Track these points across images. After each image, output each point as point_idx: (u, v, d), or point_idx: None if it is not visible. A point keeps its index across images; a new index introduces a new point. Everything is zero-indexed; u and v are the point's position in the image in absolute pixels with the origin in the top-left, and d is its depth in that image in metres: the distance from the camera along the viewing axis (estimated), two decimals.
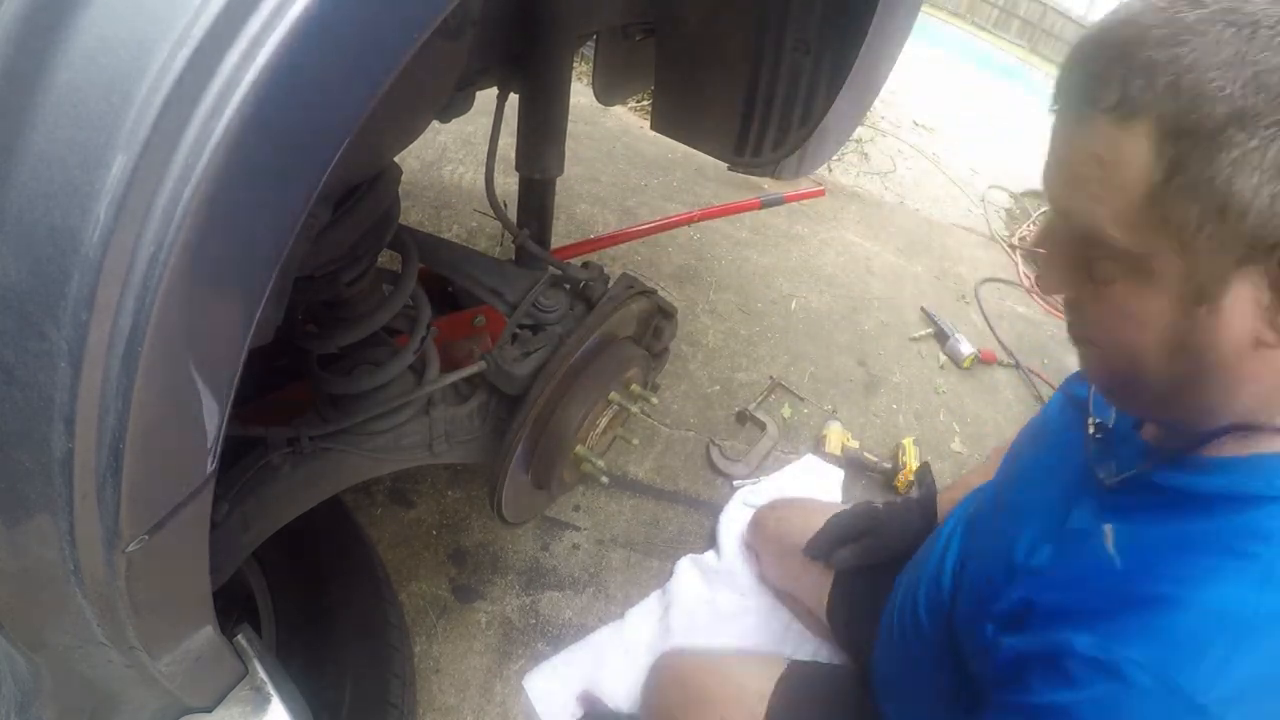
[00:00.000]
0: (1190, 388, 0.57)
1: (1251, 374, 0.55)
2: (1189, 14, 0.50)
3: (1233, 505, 0.58)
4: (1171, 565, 0.58)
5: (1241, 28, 0.48)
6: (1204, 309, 0.53)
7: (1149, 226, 0.52)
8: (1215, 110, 0.48)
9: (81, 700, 0.59)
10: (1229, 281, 0.52)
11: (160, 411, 0.42)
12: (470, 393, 1.09)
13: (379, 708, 1.04)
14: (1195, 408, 0.60)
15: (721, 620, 1.35)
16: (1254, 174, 0.48)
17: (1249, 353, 0.54)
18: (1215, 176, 0.49)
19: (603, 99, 1.56)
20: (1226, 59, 0.48)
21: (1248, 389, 0.56)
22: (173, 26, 0.35)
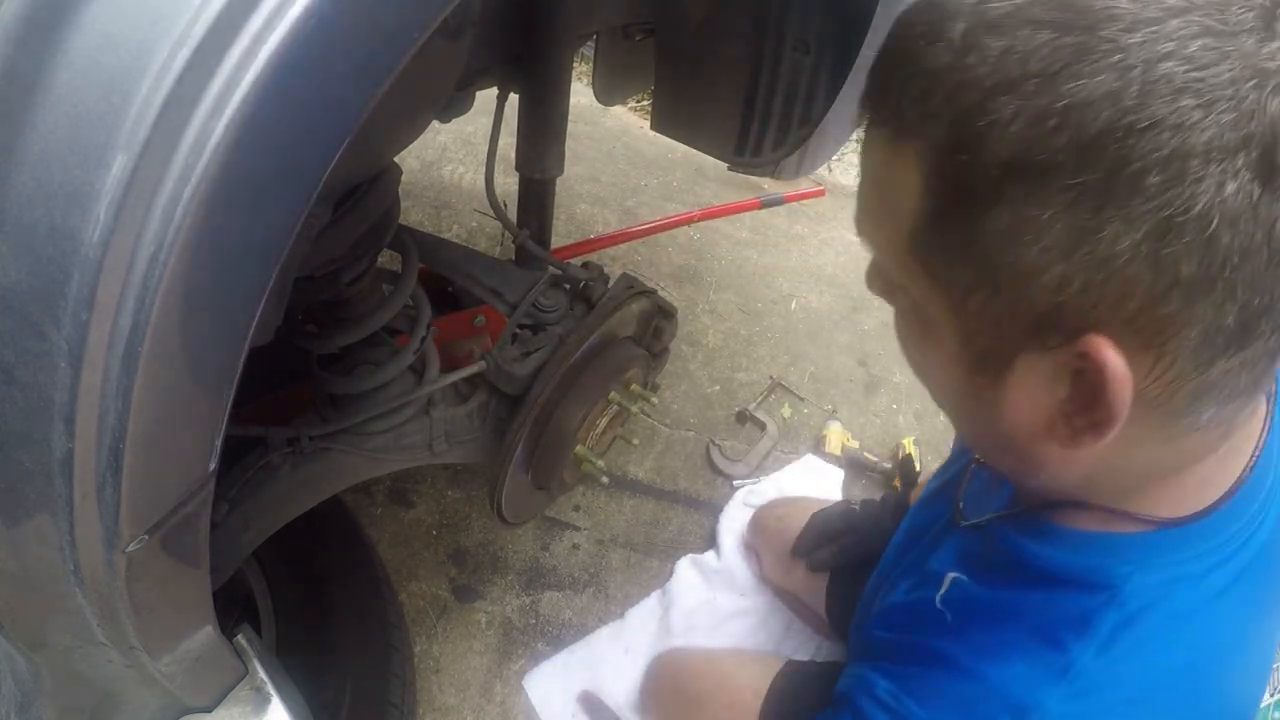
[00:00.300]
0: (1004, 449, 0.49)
1: (1057, 458, 0.46)
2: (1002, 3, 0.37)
3: (1061, 584, 0.51)
4: (982, 632, 0.55)
5: (1065, 32, 0.35)
6: (985, 379, 0.44)
7: (917, 272, 0.44)
8: (992, 150, 0.37)
9: (81, 700, 0.59)
10: (1014, 360, 0.42)
11: (160, 411, 0.42)
12: (470, 393, 1.09)
13: (379, 708, 1.04)
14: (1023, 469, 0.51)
15: (721, 620, 1.35)
16: (1034, 245, 0.37)
17: (1043, 437, 0.44)
18: (979, 240, 0.39)
19: (603, 99, 1.56)
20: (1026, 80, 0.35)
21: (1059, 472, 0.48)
22: (173, 26, 0.35)
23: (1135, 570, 0.49)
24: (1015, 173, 0.36)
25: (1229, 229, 0.34)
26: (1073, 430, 0.42)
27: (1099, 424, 0.40)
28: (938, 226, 0.41)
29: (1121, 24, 0.34)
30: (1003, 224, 0.38)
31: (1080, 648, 0.48)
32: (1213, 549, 0.49)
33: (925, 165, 0.40)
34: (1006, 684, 0.51)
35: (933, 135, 0.39)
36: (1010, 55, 0.36)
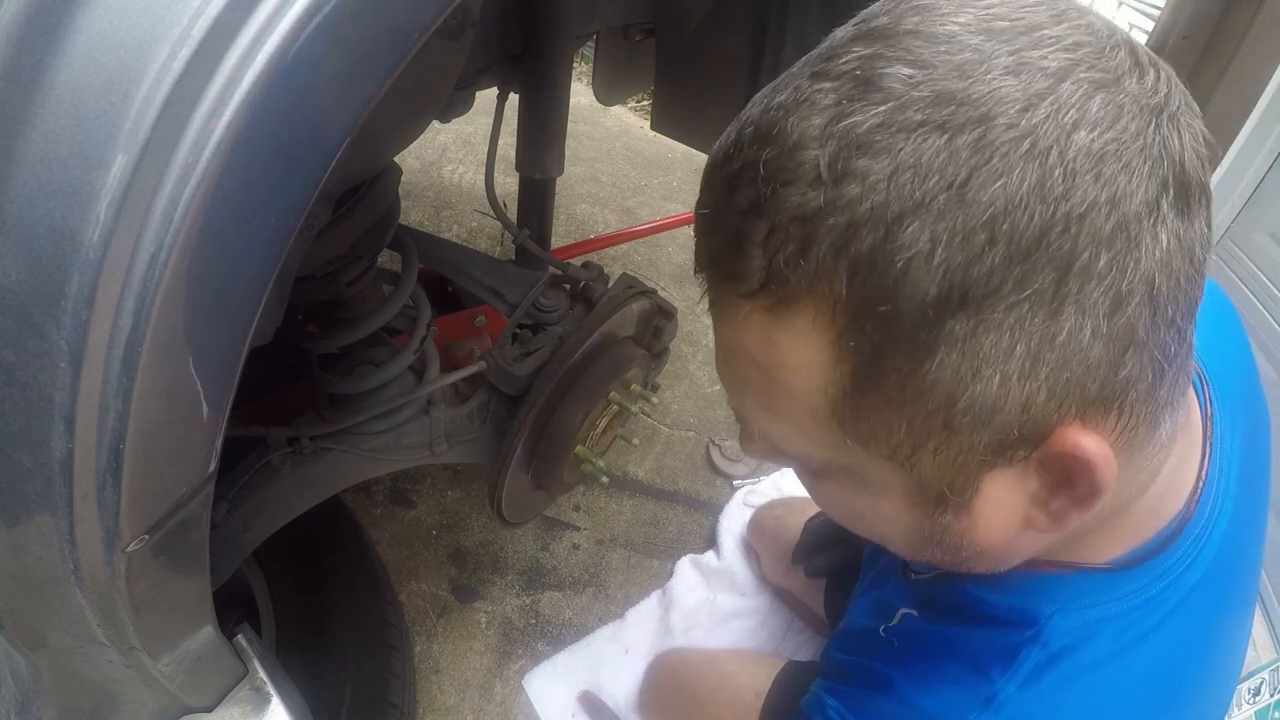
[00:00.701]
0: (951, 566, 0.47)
1: (1019, 549, 0.44)
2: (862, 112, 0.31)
3: (993, 624, 0.51)
4: (921, 661, 0.56)
5: (955, 132, 0.30)
6: (948, 516, 0.41)
7: (843, 444, 0.38)
8: (916, 290, 0.31)
9: (81, 700, 0.59)
10: (978, 486, 0.39)
11: (160, 411, 0.42)
12: (470, 393, 1.09)
13: (379, 708, 1.04)
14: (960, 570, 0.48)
15: (721, 620, 1.35)
16: (994, 378, 0.33)
17: (1015, 536, 0.42)
18: (933, 386, 0.34)
19: (603, 99, 1.56)
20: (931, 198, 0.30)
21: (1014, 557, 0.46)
22: (173, 26, 0.35)
23: (1058, 611, 0.48)
24: (952, 307, 0.31)
25: (1164, 273, 0.33)
26: (1052, 515, 0.40)
27: (1084, 499, 0.38)
28: (863, 391, 0.35)
29: (1016, 104, 0.30)
30: (950, 368, 0.33)
31: (1004, 680, 0.48)
32: (1141, 588, 0.49)
33: (829, 332, 0.34)
34: (935, 711, 0.52)
35: (831, 294, 0.33)
36: (901, 175, 0.31)
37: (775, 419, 0.40)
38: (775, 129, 0.34)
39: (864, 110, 0.31)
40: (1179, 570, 0.49)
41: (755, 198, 0.34)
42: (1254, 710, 1.43)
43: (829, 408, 0.37)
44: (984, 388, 0.33)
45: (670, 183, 2.88)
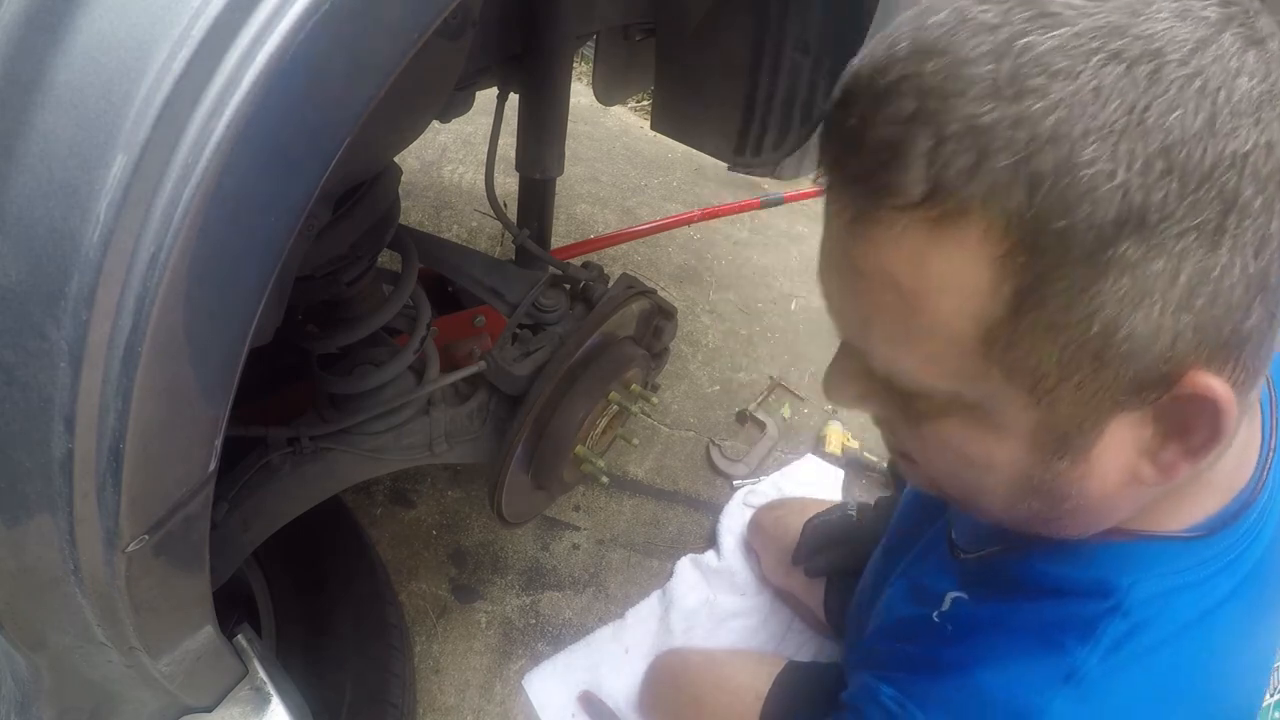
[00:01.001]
0: (1041, 524, 0.48)
1: (1117, 506, 0.45)
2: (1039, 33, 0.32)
3: (1062, 594, 0.51)
4: (985, 641, 0.55)
5: (1133, 63, 0.32)
6: (1065, 461, 0.41)
7: (988, 375, 0.38)
8: (1098, 211, 0.32)
9: (81, 700, 0.59)
10: (1103, 429, 0.39)
11: (160, 411, 0.42)
12: (470, 393, 1.09)
13: (379, 708, 1.04)
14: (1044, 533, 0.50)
15: (722, 620, 1.35)
16: (1155, 305, 0.33)
17: (1118, 490, 0.43)
18: (1097, 311, 0.34)
19: (603, 99, 1.56)
20: (1113, 121, 0.31)
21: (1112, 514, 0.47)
22: (173, 26, 0.35)
23: (1138, 580, 0.48)
24: (1128, 230, 0.32)
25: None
26: (1160, 467, 0.40)
27: (1198, 449, 0.38)
28: (1023, 313, 0.35)
29: (1187, 45, 0.32)
30: (1117, 293, 0.33)
31: (1085, 653, 0.47)
32: (1215, 556, 0.49)
33: (997, 248, 0.34)
34: (1010, 689, 0.50)
35: (1006, 208, 0.33)
36: (1083, 95, 0.31)
37: (905, 349, 0.39)
38: (938, 44, 0.34)
39: (1040, 33, 0.32)
40: (1244, 545, 0.50)
41: (917, 109, 0.33)
42: None
43: (979, 334, 0.36)
44: (1144, 316, 0.34)
45: (670, 183, 2.88)
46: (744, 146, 1.44)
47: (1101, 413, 0.38)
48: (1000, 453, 0.42)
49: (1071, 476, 0.42)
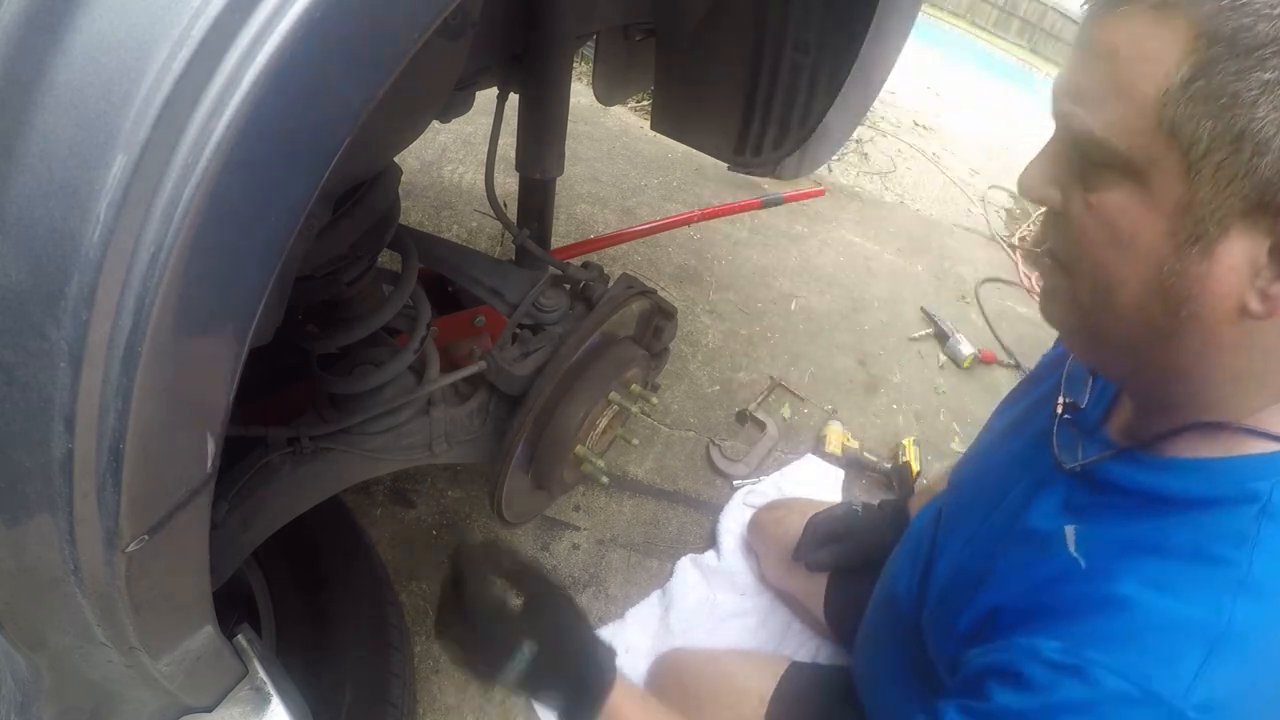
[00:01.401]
0: (1160, 344, 0.53)
1: (1229, 345, 0.51)
2: None
3: (1201, 507, 0.55)
4: (1138, 567, 0.55)
5: None
6: (1196, 250, 0.48)
7: (1157, 134, 0.47)
8: (1259, 26, 0.43)
9: (81, 700, 0.59)
10: (1229, 228, 0.46)
11: (160, 411, 0.42)
12: (470, 393, 1.09)
13: (379, 708, 1.04)
14: (1161, 375, 0.55)
15: (721, 620, 1.35)
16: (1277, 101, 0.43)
17: (1230, 319, 0.49)
18: (1240, 93, 0.43)
19: (603, 99, 1.56)
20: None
21: (1219, 365, 0.52)
22: (173, 26, 0.35)
23: (1277, 483, 0.52)
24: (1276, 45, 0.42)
25: None
26: (1266, 297, 0.47)
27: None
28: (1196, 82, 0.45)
29: None
30: (1260, 82, 0.43)
31: (1245, 557, 0.51)
32: None
33: (1192, 31, 0.45)
34: (1187, 609, 0.52)
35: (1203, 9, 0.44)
36: None
37: (1104, 107, 0.49)
38: None
39: None
40: None
41: None
42: None
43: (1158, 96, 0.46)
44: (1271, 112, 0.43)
45: (670, 183, 2.88)
46: (744, 146, 1.44)
47: (1233, 207, 0.46)
48: (1146, 227, 0.49)
49: (1197, 272, 0.48)
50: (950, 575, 0.77)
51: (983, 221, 3.54)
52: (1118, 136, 0.48)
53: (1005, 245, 3.30)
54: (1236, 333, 0.50)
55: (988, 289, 2.86)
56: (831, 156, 2.24)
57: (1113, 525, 0.60)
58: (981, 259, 3.12)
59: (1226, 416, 0.55)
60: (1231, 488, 0.54)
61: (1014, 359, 2.44)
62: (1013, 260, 3.18)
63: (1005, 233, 3.47)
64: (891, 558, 1.03)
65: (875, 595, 1.01)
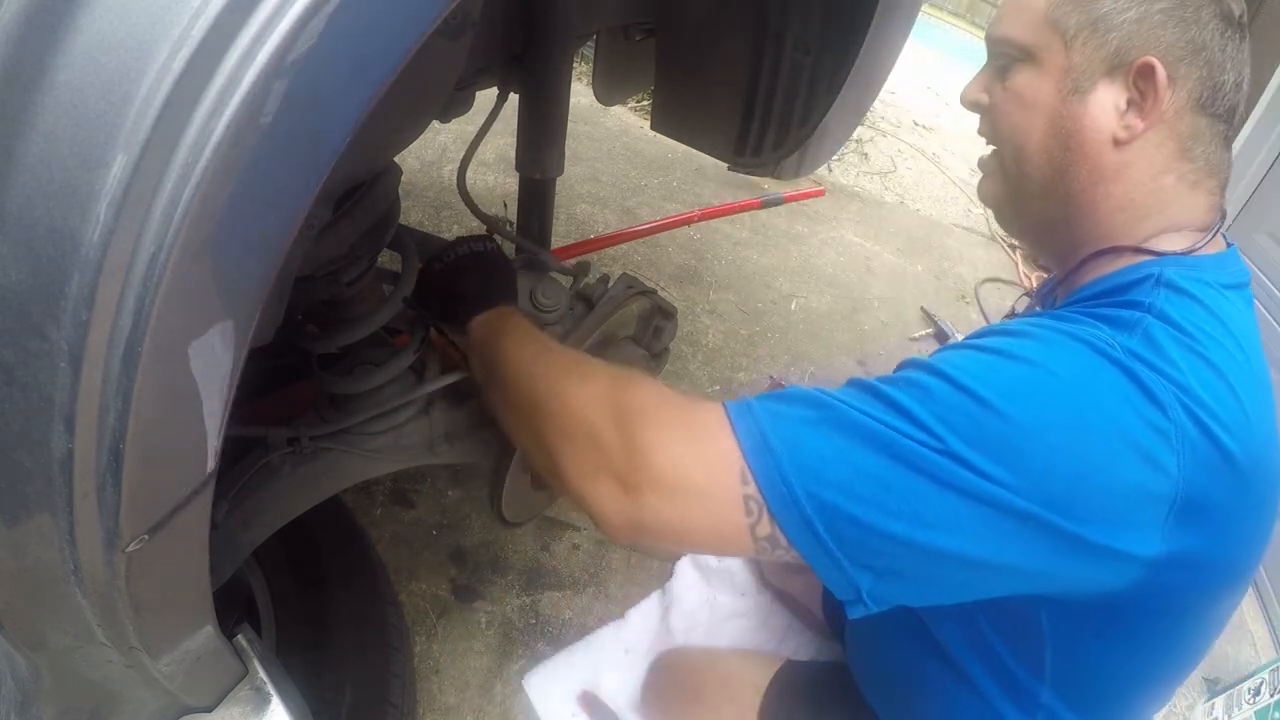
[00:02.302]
0: (1061, 179, 0.68)
1: (1110, 172, 0.67)
2: None
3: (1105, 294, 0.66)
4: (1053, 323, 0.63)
5: None
6: (1075, 98, 0.67)
7: (1045, 28, 0.67)
8: None
9: (81, 700, 0.59)
10: (1096, 82, 0.66)
11: (160, 411, 0.42)
12: (470, 393, 1.09)
13: (379, 708, 1.04)
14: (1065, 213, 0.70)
15: (722, 620, 1.35)
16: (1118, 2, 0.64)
17: (1107, 147, 0.66)
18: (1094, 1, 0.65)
19: (603, 99, 1.56)
20: None
21: (1106, 193, 0.67)
22: (173, 26, 0.35)
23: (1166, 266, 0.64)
24: None
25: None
26: (1127, 127, 0.65)
27: (1146, 113, 0.64)
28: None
29: None
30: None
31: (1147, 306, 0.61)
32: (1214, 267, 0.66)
33: None
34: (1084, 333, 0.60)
35: None
36: None
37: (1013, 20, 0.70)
38: None
39: None
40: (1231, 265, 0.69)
41: None
42: (1254, 710, 1.43)
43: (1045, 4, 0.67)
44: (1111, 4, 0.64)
45: (670, 183, 2.89)
46: (744, 146, 1.44)
47: (1097, 69, 0.66)
48: (1043, 90, 0.68)
49: (1078, 113, 0.66)
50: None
51: (983, 221, 3.54)
52: (1021, 34, 0.69)
53: (1005, 245, 3.30)
54: (1113, 160, 0.66)
55: (988, 289, 2.86)
56: (831, 156, 2.24)
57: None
58: (981, 259, 3.12)
59: (1115, 243, 0.68)
60: (1128, 275, 0.66)
61: None
62: (1013, 260, 3.18)
63: (1005, 233, 3.47)
64: None
65: None
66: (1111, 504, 0.55)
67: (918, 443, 0.55)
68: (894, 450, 0.56)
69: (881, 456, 0.56)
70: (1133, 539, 0.56)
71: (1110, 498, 0.55)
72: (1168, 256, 0.66)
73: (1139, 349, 0.58)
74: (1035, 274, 3.05)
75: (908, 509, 0.55)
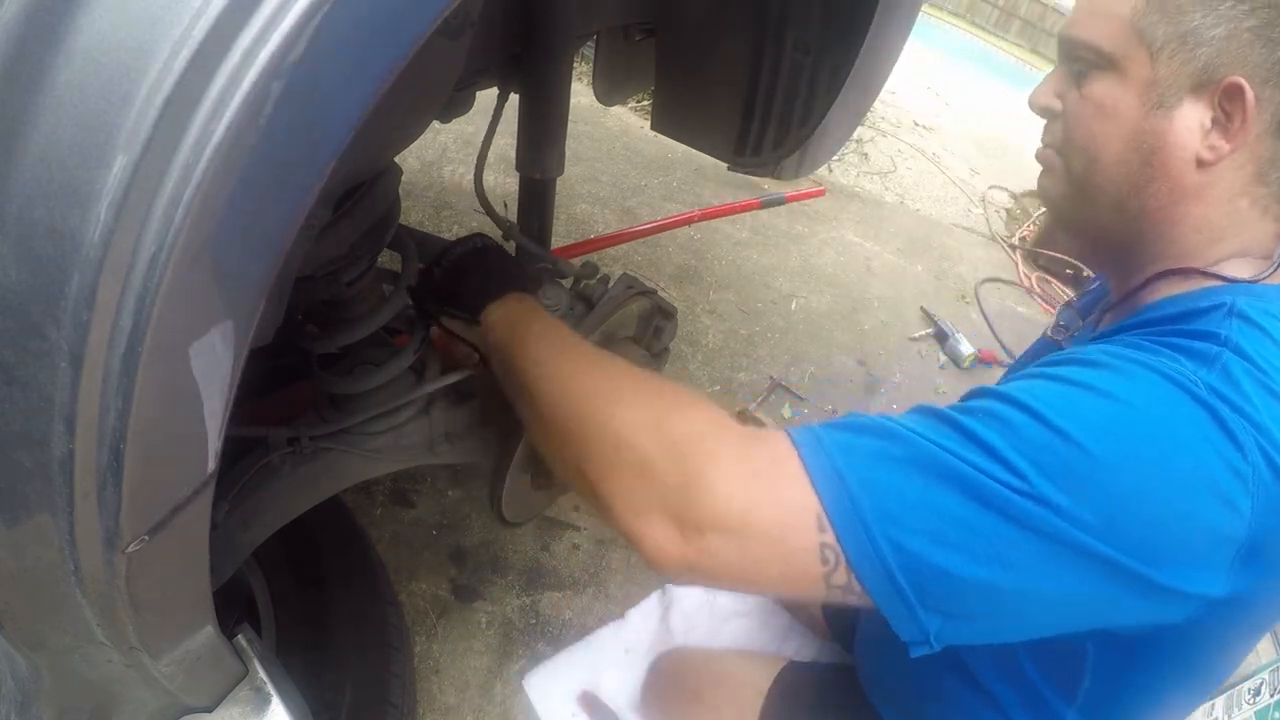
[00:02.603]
0: (1137, 192, 0.66)
1: (1191, 192, 0.65)
2: None
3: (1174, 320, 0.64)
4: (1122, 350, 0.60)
5: None
6: (1159, 113, 0.64)
7: (1130, 37, 0.64)
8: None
9: (81, 700, 0.59)
10: (1182, 99, 0.63)
11: (160, 411, 0.42)
12: (470, 392, 1.09)
13: (379, 708, 1.04)
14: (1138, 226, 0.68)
15: (722, 621, 1.35)
16: (1209, 14, 0.61)
17: (1189, 167, 0.64)
18: (1182, 4, 0.62)
19: (603, 99, 1.56)
20: None
21: (1185, 212, 0.65)
22: (174, 26, 0.35)
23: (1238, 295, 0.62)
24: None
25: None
26: (1212, 148, 0.63)
27: (1232, 134, 0.62)
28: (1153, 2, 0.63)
29: None
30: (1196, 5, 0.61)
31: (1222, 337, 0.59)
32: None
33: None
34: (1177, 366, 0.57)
35: None
36: None
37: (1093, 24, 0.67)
38: None
39: None
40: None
41: None
42: (1254, 710, 1.43)
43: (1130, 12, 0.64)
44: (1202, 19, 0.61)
45: (670, 183, 2.89)
46: (744, 146, 1.44)
47: (1183, 85, 0.63)
48: (1125, 101, 0.65)
49: (1161, 129, 0.64)
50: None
51: (983, 221, 3.54)
52: (1103, 39, 0.66)
53: (1005, 245, 3.30)
54: (1194, 180, 0.64)
55: (988, 289, 2.86)
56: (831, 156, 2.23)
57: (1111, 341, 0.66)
58: (981, 259, 3.12)
59: (1184, 264, 0.66)
60: (1200, 301, 0.64)
61: (1014, 358, 2.44)
62: (1013, 260, 3.18)
63: (1005, 233, 3.47)
64: None
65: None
66: (1186, 547, 0.54)
67: (1003, 484, 0.53)
68: (979, 492, 0.53)
69: (966, 499, 0.53)
70: (1200, 580, 0.54)
71: (1185, 541, 0.53)
72: (1239, 284, 0.64)
73: (1220, 386, 0.55)
74: (1035, 274, 3.05)
75: (992, 553, 0.53)
